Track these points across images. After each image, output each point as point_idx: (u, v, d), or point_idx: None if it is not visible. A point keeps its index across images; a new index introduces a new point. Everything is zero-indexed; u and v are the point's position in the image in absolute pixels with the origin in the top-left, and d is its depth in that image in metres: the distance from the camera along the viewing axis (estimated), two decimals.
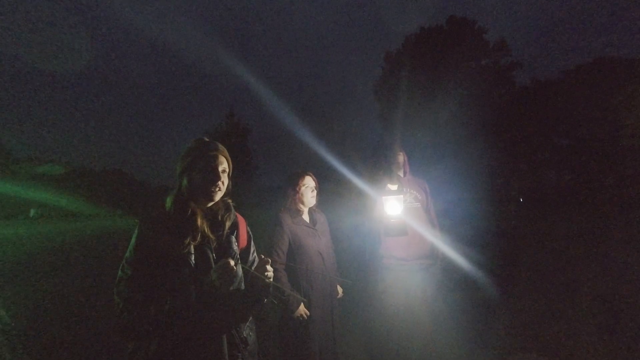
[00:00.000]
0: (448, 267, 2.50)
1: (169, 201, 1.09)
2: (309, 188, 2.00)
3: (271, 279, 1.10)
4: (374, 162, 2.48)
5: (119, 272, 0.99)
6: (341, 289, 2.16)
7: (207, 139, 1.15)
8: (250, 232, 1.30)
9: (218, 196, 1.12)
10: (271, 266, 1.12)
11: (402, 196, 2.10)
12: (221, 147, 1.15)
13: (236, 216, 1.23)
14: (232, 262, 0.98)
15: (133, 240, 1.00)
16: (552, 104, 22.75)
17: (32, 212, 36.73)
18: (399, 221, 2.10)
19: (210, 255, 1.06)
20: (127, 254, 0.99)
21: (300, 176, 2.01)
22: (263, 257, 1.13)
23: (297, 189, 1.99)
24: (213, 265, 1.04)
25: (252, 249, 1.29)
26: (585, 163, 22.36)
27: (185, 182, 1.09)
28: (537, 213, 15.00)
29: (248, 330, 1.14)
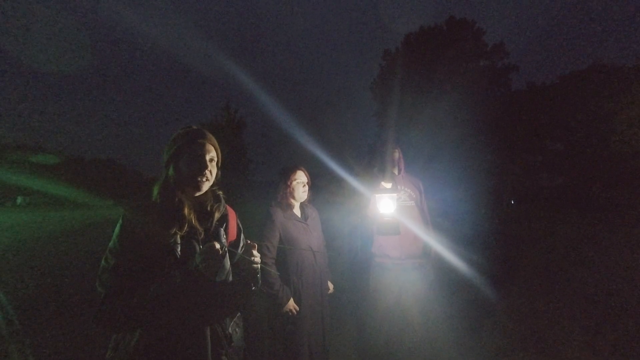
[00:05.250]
0: (441, 266, 2.49)
1: (155, 190, 1.06)
2: (300, 183, 1.98)
3: (258, 264, 1.07)
4: (369, 159, 2.45)
5: (102, 262, 0.96)
6: (332, 285, 2.15)
7: (195, 127, 1.11)
8: (240, 225, 1.26)
9: (206, 186, 1.09)
10: (258, 251, 1.08)
11: (395, 195, 2.08)
12: (209, 135, 1.11)
13: (226, 208, 1.19)
14: (217, 245, 0.94)
15: (117, 229, 0.97)
16: (547, 108, 23.03)
17: (19, 199, 36.01)
18: (392, 220, 2.09)
19: (197, 247, 1.03)
20: (111, 244, 0.96)
21: (292, 170, 2.00)
22: (249, 242, 1.08)
23: (289, 183, 1.97)
24: None
25: (242, 242, 1.25)
26: (576, 167, 22.73)
27: (171, 171, 1.06)
28: (529, 214, 15.22)
29: (234, 326, 1.12)
